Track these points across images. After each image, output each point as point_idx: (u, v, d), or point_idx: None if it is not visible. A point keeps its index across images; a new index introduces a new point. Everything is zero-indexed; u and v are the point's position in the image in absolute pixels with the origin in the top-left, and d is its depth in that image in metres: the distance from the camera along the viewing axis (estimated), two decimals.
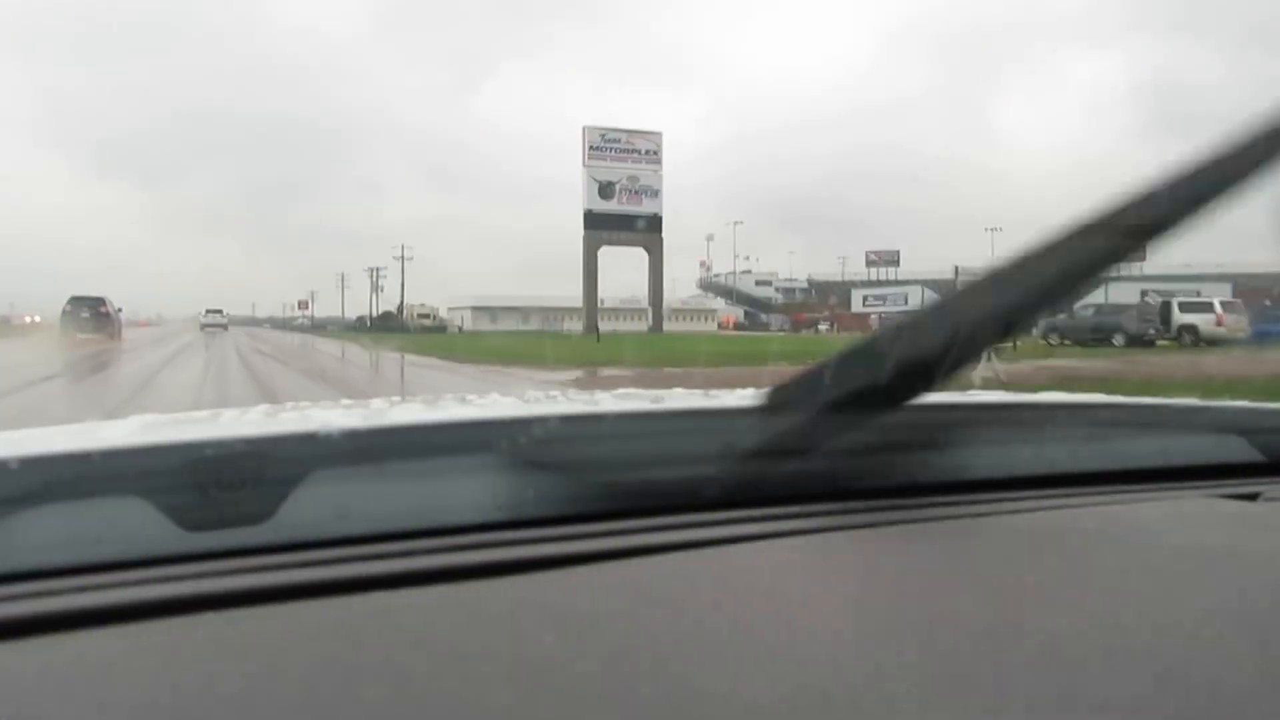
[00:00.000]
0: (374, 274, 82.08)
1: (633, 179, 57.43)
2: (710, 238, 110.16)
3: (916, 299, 71.88)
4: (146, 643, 0.49)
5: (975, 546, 0.67)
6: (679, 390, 1.05)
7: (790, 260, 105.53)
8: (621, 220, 56.68)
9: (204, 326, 54.22)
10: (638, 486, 0.74)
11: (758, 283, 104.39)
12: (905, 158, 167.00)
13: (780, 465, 0.76)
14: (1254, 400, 1.08)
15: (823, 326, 71.85)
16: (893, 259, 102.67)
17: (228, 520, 0.63)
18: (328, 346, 29.94)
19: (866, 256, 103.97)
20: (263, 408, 0.91)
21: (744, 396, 0.90)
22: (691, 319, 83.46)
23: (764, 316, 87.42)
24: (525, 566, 0.60)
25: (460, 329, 71.01)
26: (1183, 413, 1.05)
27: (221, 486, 0.64)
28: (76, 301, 31.21)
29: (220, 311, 62.03)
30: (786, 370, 0.80)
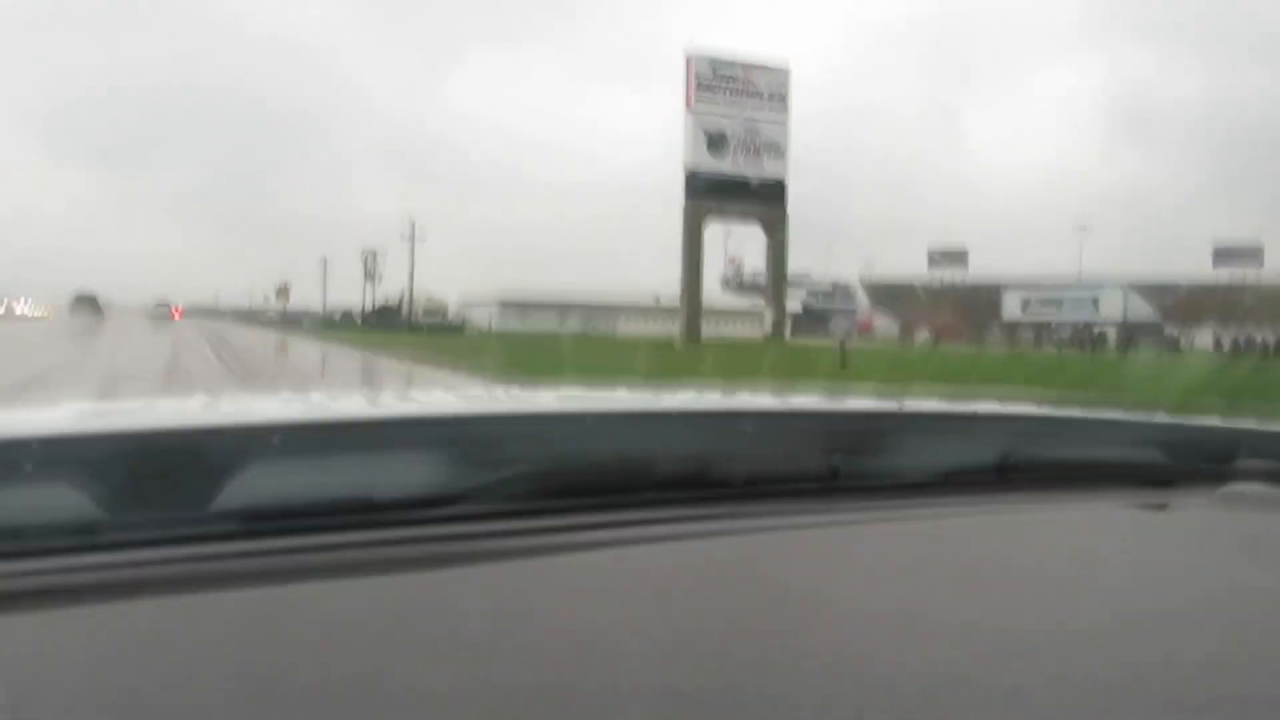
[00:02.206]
0: (369, 258, 66.17)
1: (751, 129, 42.30)
2: (730, 232, 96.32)
3: (1113, 305, 58.09)
4: (80, 626, 0.49)
5: (895, 545, 0.70)
6: (620, 391, 1.04)
7: (817, 260, 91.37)
8: (736, 185, 41.44)
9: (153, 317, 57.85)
10: (573, 483, 0.75)
11: (790, 284, 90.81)
12: (885, 161, 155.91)
13: (705, 465, 0.80)
14: (1170, 413, 1.14)
15: (921, 335, 58.25)
16: (960, 258, 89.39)
17: (163, 510, 0.63)
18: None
19: (929, 255, 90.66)
20: (201, 397, 0.91)
21: (683, 399, 0.96)
22: (743, 323, 69.17)
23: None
24: (462, 559, 0.61)
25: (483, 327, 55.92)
26: (1103, 423, 1.08)
27: (157, 477, 0.64)
28: (79, 297, 54.74)
29: (167, 305, 64.61)
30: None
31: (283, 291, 59.63)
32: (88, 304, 55.17)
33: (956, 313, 65.28)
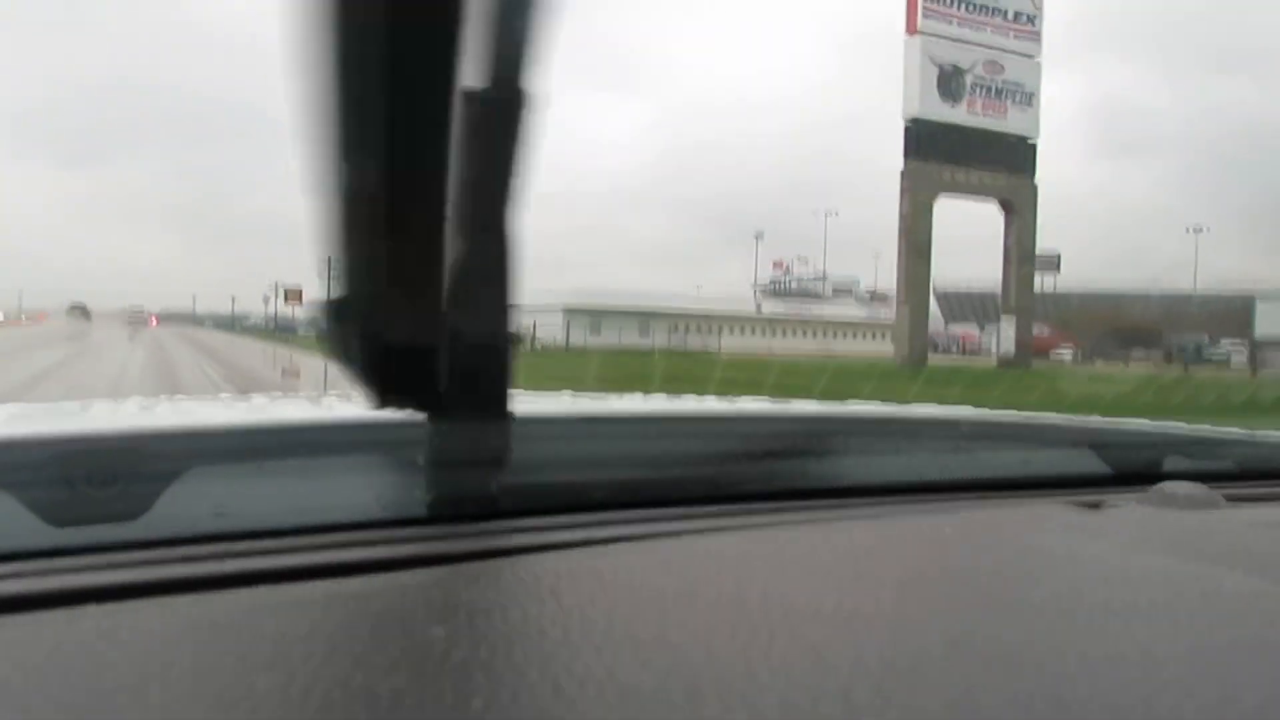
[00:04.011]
0: None
1: (994, 64, 29.80)
2: (760, 235, 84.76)
3: None
4: (15, 637, 0.48)
5: (843, 547, 0.72)
6: (566, 395, 1.03)
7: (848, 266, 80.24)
8: (978, 143, 28.83)
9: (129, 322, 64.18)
10: (522, 488, 0.75)
11: (835, 291, 79.16)
12: (858, 171, 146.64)
13: (662, 470, 0.81)
14: (1103, 416, 1.18)
15: (1064, 353, 46.71)
16: (1052, 263, 78.26)
17: (99, 516, 0.62)
18: None
19: None
20: (137, 400, 0.89)
21: (632, 401, 0.97)
22: (862, 336, 56.98)
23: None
24: (410, 563, 0.61)
25: (539, 342, 43.03)
26: (1040, 428, 1.12)
27: (93, 482, 0.63)
28: (74, 306, 77.13)
29: (142, 311, 74.90)
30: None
31: (293, 294, 46.15)
32: (80, 311, 76.58)
33: (1084, 325, 53.96)
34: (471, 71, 0.52)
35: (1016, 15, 30.07)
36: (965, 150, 28.42)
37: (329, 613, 0.52)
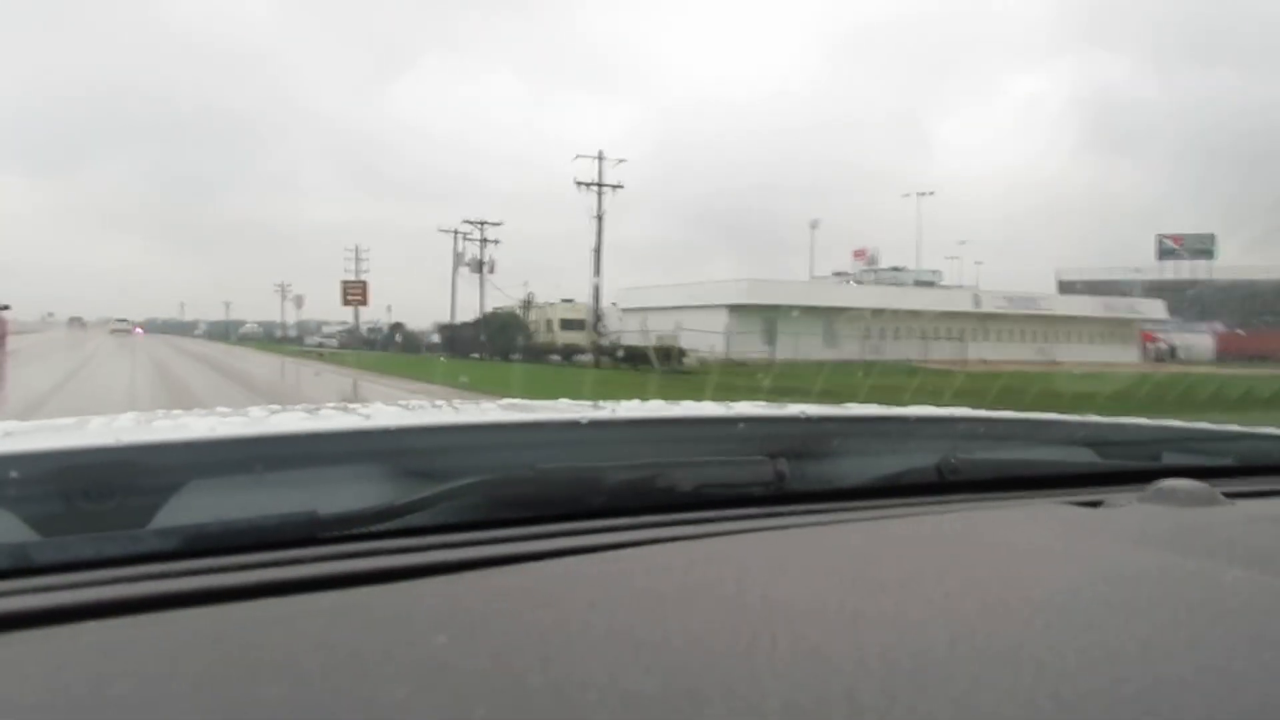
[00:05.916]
0: (470, 234, 40.15)
1: None
2: (815, 224, 73.04)
3: None
4: (18, 654, 0.48)
5: (843, 548, 0.71)
6: (564, 401, 1.04)
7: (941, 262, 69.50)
8: None
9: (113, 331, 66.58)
10: (520, 495, 0.75)
11: (917, 282, 67.71)
12: (847, 171, 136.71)
13: (659, 475, 0.82)
14: (1101, 415, 1.16)
15: None
16: (1205, 246, 66.76)
17: (99, 529, 0.62)
18: None
19: (1159, 243, 67.77)
20: (131, 415, 0.89)
21: (629, 408, 0.98)
22: (1097, 339, 44.84)
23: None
24: (411, 573, 0.61)
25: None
26: (1038, 426, 1.11)
27: (90, 496, 0.63)
28: (73, 319, 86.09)
29: (126, 321, 76.86)
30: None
31: (355, 290, 33.34)
32: (78, 323, 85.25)
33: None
34: None
35: None
36: None
37: (332, 623, 0.52)
